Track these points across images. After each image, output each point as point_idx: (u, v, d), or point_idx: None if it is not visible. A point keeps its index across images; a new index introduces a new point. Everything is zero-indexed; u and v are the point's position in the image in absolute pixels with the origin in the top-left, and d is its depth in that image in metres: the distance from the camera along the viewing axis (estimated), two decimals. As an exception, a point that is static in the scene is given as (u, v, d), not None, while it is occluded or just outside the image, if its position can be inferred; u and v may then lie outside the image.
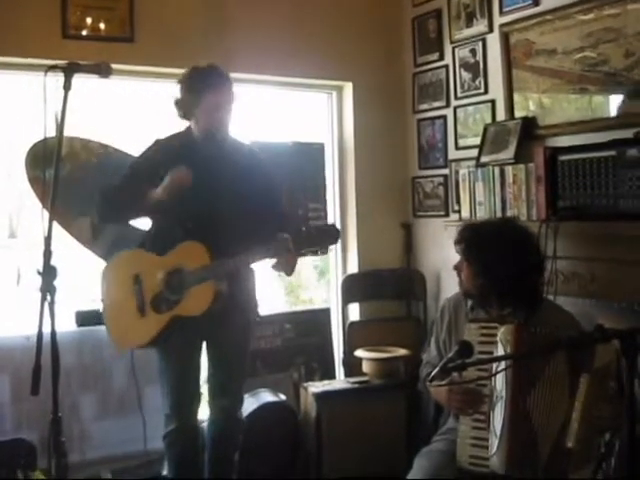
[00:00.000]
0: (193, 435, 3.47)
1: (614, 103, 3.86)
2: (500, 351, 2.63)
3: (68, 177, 4.05)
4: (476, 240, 2.96)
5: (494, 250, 2.87)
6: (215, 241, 3.25)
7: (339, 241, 3.44)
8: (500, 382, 2.60)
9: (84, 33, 4.19)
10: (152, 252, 3.34)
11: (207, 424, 3.59)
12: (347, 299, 5.10)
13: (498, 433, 2.57)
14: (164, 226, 3.38)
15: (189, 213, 3.28)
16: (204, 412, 3.59)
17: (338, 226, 5.18)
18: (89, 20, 4.19)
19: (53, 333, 2.34)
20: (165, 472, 3.60)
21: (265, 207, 3.43)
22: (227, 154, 3.41)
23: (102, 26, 4.23)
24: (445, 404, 2.99)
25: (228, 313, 3.37)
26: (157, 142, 3.45)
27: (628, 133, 3.46)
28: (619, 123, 3.70)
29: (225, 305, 3.32)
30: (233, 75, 4.61)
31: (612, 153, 3.34)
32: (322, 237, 3.33)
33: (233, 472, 3.60)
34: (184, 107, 3.39)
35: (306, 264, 5.41)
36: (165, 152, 3.38)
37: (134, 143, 4.32)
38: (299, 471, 4.31)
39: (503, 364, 2.55)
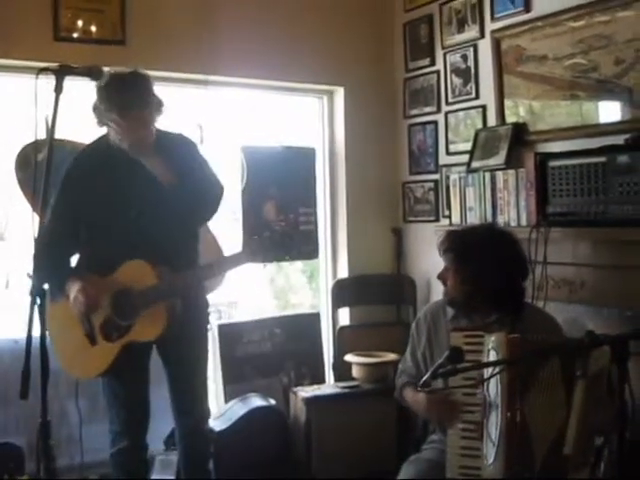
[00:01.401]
0: (143, 454, 3.38)
1: (605, 109, 3.87)
2: (492, 358, 2.62)
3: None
4: (463, 247, 2.95)
5: (482, 257, 2.87)
6: (156, 257, 3.10)
7: (291, 251, 3.16)
8: (493, 389, 2.60)
9: (75, 36, 4.18)
10: (92, 274, 3.18)
11: (177, 439, 3.50)
12: (337, 304, 5.10)
13: (495, 441, 2.56)
14: (101, 245, 3.21)
15: (123, 230, 3.15)
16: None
17: (327, 237, 5.23)
18: (80, 23, 4.19)
19: (42, 337, 2.33)
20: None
21: (202, 205, 3.32)
22: (150, 159, 3.21)
23: (93, 29, 4.22)
24: (423, 414, 2.98)
25: (181, 329, 3.20)
26: (68, 174, 3.20)
27: (619, 139, 3.47)
28: (610, 129, 3.71)
29: (179, 323, 3.16)
30: (224, 79, 4.67)
31: (602, 159, 3.35)
32: (276, 247, 3.09)
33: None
34: (99, 116, 3.15)
35: (294, 269, 5.42)
36: (83, 179, 3.18)
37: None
38: (288, 476, 4.30)
39: (496, 370, 2.54)
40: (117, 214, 3.15)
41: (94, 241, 3.24)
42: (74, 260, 3.33)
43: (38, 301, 2.33)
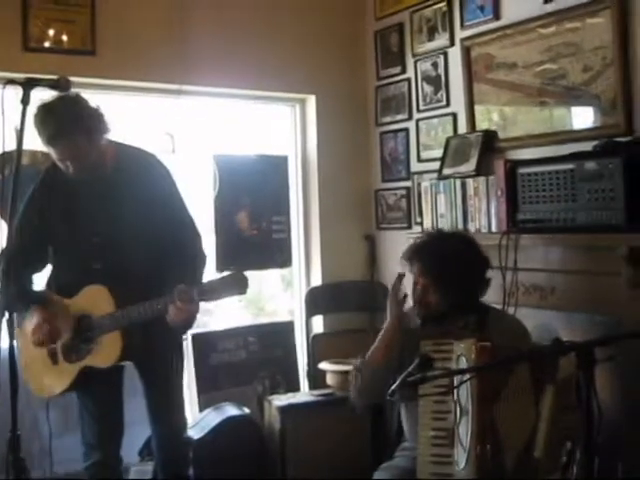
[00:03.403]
0: (117, 466, 3.35)
1: (574, 116, 3.91)
2: (462, 365, 2.64)
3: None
4: (431, 257, 2.96)
5: (450, 265, 2.88)
6: (115, 282, 3.05)
7: (246, 291, 2.97)
8: (464, 395, 2.61)
9: (46, 45, 4.16)
10: (59, 294, 3.18)
11: (154, 449, 3.47)
12: (311, 311, 5.10)
13: (466, 446, 2.57)
14: (64, 266, 3.21)
15: (82, 254, 3.12)
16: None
17: (300, 245, 5.22)
18: (51, 32, 4.17)
19: (11, 348, 2.32)
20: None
21: (165, 232, 3.15)
22: (108, 181, 3.12)
23: (64, 39, 4.21)
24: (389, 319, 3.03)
25: (151, 347, 3.16)
26: (32, 193, 3.17)
27: (588, 146, 3.51)
28: (579, 136, 3.75)
29: (140, 350, 3.12)
30: (195, 88, 4.66)
31: (571, 166, 3.37)
32: (229, 287, 2.93)
33: None
34: None
35: (272, 275, 5.42)
36: (40, 202, 3.16)
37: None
38: (263, 484, 4.30)
39: (466, 377, 2.55)
40: (74, 237, 3.12)
41: (58, 261, 3.23)
42: (39, 277, 3.31)
43: (6, 315, 2.31)
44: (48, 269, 3.33)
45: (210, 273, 3.32)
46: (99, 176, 3.10)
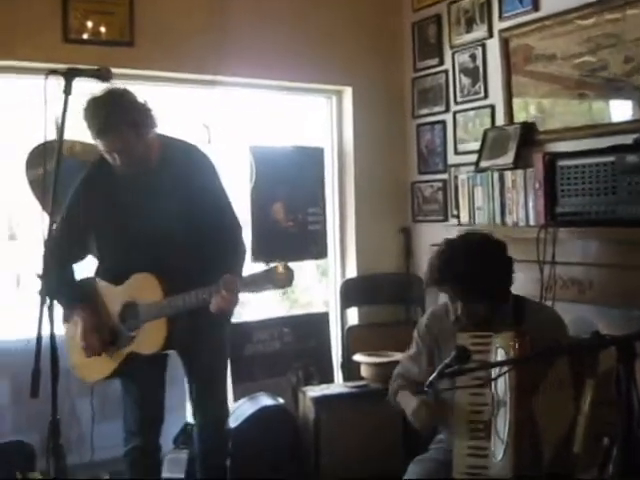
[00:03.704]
0: (156, 454, 3.43)
1: (614, 108, 3.86)
2: (500, 357, 2.62)
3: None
4: (459, 278, 2.79)
5: (481, 279, 2.76)
6: (161, 272, 3.11)
7: (292, 284, 2.96)
8: (502, 388, 2.60)
9: (85, 37, 4.20)
10: (107, 281, 3.27)
11: (195, 437, 3.53)
12: (346, 303, 5.11)
13: (503, 438, 2.56)
14: (111, 256, 3.27)
15: (128, 245, 3.17)
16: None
17: (336, 237, 5.23)
18: (90, 24, 4.20)
19: (52, 336, 2.34)
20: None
21: (209, 222, 3.18)
22: (153, 174, 3.17)
23: (103, 30, 4.24)
24: (410, 416, 2.92)
25: (197, 336, 3.24)
26: (79, 185, 3.26)
27: (628, 139, 3.47)
28: (619, 129, 3.71)
29: (184, 338, 3.18)
30: (232, 79, 4.67)
31: (611, 159, 3.34)
32: (273, 279, 2.87)
33: (225, 478, 3.56)
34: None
35: (307, 266, 5.43)
36: (86, 194, 3.23)
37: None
38: (297, 475, 4.31)
39: (504, 370, 2.54)
40: (119, 228, 3.17)
41: (102, 252, 3.29)
42: (81, 266, 3.39)
43: (48, 301, 2.34)
44: (89, 259, 3.39)
45: (246, 264, 3.31)
46: (145, 168, 3.14)
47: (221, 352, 3.47)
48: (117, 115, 2.98)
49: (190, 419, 4.29)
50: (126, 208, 3.16)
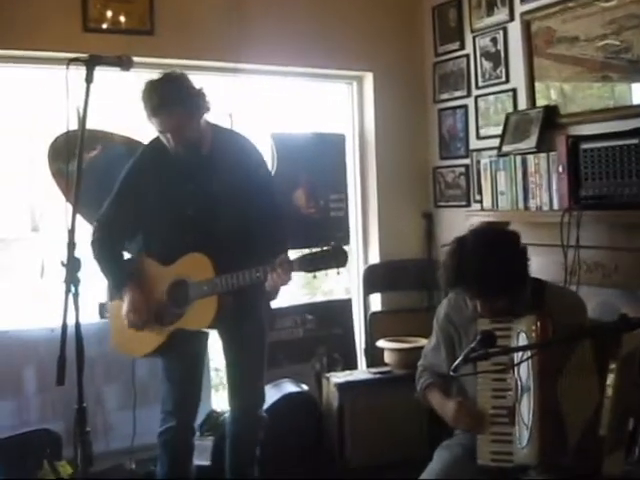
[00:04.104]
0: (189, 436, 3.48)
1: (637, 90, 3.81)
2: (522, 342, 2.61)
3: (91, 168, 4.08)
4: (478, 280, 2.71)
5: (499, 279, 2.68)
6: (214, 253, 3.20)
7: (346, 264, 3.20)
8: (525, 373, 2.59)
9: (104, 26, 4.20)
10: (155, 260, 3.35)
11: (228, 420, 3.61)
12: (368, 289, 5.11)
13: (528, 424, 2.55)
14: (160, 238, 3.34)
15: (179, 227, 3.27)
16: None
17: (358, 223, 5.22)
18: (109, 13, 4.21)
19: (77, 325, 2.35)
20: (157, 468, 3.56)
21: (258, 205, 3.33)
22: (205, 159, 3.29)
23: (122, 19, 4.24)
24: (451, 423, 2.93)
25: (237, 322, 3.33)
26: (133, 164, 3.38)
27: (651, 122, 3.44)
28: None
29: (231, 317, 3.27)
30: (253, 67, 4.67)
31: (635, 141, 3.31)
32: (329, 259, 3.10)
33: (254, 465, 3.60)
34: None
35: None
36: (140, 174, 3.34)
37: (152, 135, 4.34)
38: (321, 461, 4.32)
39: (526, 354, 2.52)
40: (169, 210, 3.27)
41: (151, 233, 3.38)
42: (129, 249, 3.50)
43: (72, 289, 2.35)
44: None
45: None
46: (196, 154, 3.26)
47: (262, 334, 3.55)
48: (172, 95, 3.11)
49: (215, 406, 4.34)
50: (179, 191, 3.26)
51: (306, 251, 3.14)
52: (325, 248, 3.10)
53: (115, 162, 3.73)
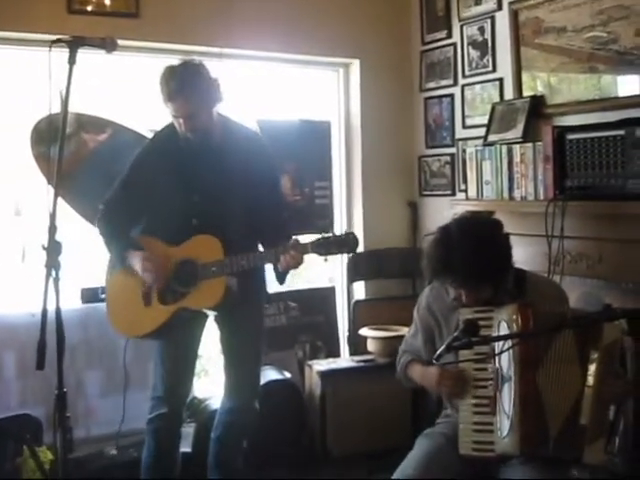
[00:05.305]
0: (178, 423, 3.45)
1: (624, 82, 3.81)
2: (503, 331, 2.60)
3: (75, 153, 4.04)
4: (463, 269, 2.68)
5: (486, 270, 2.68)
6: (222, 236, 3.24)
7: (356, 250, 3.44)
8: (506, 362, 2.58)
9: (89, 8, 4.16)
10: (162, 240, 3.34)
11: (221, 410, 3.58)
12: (352, 277, 5.10)
13: (509, 414, 2.55)
14: (164, 221, 3.35)
15: (187, 211, 3.29)
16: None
17: (343, 211, 5.23)
18: (94, -5, 4.16)
19: (58, 309, 2.33)
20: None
21: (265, 198, 3.39)
22: (215, 148, 3.33)
23: (107, 1, 4.20)
24: (433, 389, 2.94)
25: (238, 305, 3.33)
26: (144, 149, 3.43)
27: (637, 113, 3.43)
28: (629, 102, 3.66)
29: (235, 299, 3.29)
30: (238, 52, 4.63)
31: (621, 132, 3.31)
32: (341, 244, 3.27)
33: (238, 456, 3.59)
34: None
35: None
36: (151, 157, 3.38)
37: (138, 119, 4.31)
38: (304, 448, 4.32)
39: (508, 343, 2.52)
40: (176, 194, 3.28)
41: (156, 216, 3.38)
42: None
43: (53, 274, 2.33)
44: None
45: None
46: (206, 142, 3.29)
47: (261, 320, 3.61)
48: (188, 81, 3.17)
49: (197, 394, 4.32)
50: (186, 177, 3.29)
51: (322, 235, 3.26)
52: (338, 234, 3.26)
53: (123, 149, 3.75)
